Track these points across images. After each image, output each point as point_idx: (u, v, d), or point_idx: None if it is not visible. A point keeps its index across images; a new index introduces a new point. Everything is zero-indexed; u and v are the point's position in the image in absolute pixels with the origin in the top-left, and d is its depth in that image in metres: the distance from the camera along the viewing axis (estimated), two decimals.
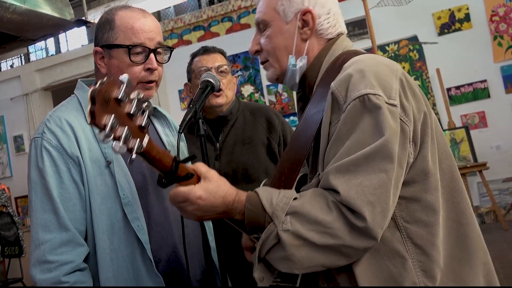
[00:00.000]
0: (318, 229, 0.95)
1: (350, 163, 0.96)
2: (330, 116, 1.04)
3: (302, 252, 0.96)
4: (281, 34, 1.18)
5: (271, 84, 6.67)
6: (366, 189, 0.94)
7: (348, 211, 0.94)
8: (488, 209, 5.54)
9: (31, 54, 8.92)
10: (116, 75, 1.37)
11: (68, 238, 1.25)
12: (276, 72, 1.22)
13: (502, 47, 5.77)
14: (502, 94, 5.77)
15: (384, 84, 1.01)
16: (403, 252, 1.01)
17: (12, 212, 5.58)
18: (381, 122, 0.96)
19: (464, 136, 5.36)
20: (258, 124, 2.02)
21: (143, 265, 1.29)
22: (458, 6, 5.93)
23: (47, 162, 1.28)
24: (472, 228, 1.08)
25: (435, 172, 1.05)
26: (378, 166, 0.95)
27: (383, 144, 0.95)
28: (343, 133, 1.00)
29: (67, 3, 3.04)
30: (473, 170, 5.21)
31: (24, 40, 3.11)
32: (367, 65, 1.04)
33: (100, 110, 0.84)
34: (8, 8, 2.61)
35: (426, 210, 1.03)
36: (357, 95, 0.99)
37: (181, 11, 7.66)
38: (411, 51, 6.07)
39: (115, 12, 1.39)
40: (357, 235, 0.94)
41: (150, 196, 1.36)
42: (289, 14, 1.17)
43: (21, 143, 8.07)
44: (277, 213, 0.98)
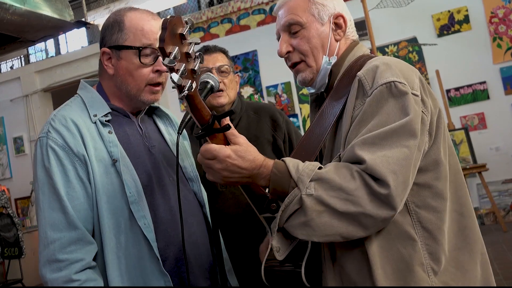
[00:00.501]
0: (340, 196, 1.00)
1: (375, 136, 1.03)
2: (354, 101, 1.12)
3: (322, 219, 1.01)
4: (318, 35, 1.26)
5: (271, 85, 6.74)
6: (391, 159, 1.00)
7: (371, 179, 0.99)
8: (487, 210, 5.55)
9: (31, 55, 8.93)
10: (124, 76, 1.37)
11: (78, 236, 1.25)
12: (313, 71, 1.27)
13: (501, 49, 5.78)
14: (501, 96, 5.77)
15: (407, 77, 1.10)
16: (413, 234, 1.08)
17: (12, 213, 5.58)
18: (406, 105, 1.05)
19: (463, 137, 5.37)
20: (262, 122, 2.01)
21: (150, 263, 1.29)
22: (457, 8, 5.95)
23: (53, 161, 1.28)
24: (472, 220, 1.16)
25: (446, 163, 1.12)
26: (401, 141, 1.02)
27: (407, 122, 1.03)
28: (367, 114, 1.07)
29: (67, 4, 3.05)
30: (473, 172, 5.21)
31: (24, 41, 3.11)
32: (391, 60, 1.14)
33: (169, 38, 0.92)
34: (8, 9, 2.62)
35: (436, 197, 1.10)
36: (384, 82, 1.07)
37: (180, 12, 7.67)
38: (410, 53, 6.08)
39: (124, 13, 1.39)
40: (378, 203, 0.99)
41: (156, 195, 1.37)
42: (324, 17, 1.27)
43: (20, 144, 8.07)
44: (302, 178, 1.03)
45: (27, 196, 7.61)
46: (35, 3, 2.79)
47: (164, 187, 1.39)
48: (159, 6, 5.33)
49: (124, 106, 1.43)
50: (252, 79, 6.89)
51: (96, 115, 1.35)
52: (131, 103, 1.43)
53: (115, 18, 1.39)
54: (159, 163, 1.42)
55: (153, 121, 1.54)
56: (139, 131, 1.44)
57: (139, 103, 1.41)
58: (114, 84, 1.40)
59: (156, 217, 1.34)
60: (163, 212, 1.36)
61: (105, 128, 1.35)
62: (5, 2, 2.60)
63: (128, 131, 1.41)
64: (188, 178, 1.51)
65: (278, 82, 6.73)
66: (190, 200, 1.46)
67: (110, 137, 1.34)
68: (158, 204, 1.36)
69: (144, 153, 1.40)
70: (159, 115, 1.56)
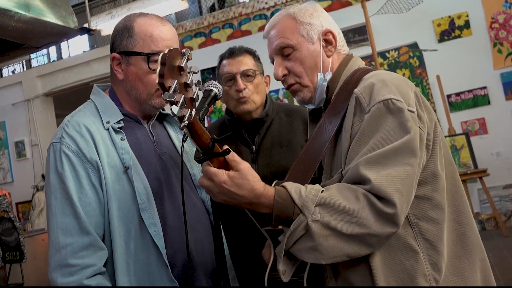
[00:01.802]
0: (346, 219, 1.02)
1: (379, 155, 1.05)
2: (352, 118, 1.14)
3: (329, 242, 1.03)
4: (310, 54, 1.28)
5: (272, 90, 6.74)
6: (395, 178, 1.02)
7: (376, 199, 1.01)
8: (488, 215, 5.55)
9: (33, 60, 8.95)
10: (133, 82, 1.39)
11: (90, 242, 1.26)
12: (310, 90, 1.29)
13: (502, 54, 5.80)
14: (502, 101, 5.79)
15: (403, 93, 1.12)
16: (415, 246, 1.10)
17: (13, 217, 5.59)
18: (405, 122, 1.07)
19: (464, 142, 5.37)
20: (295, 126, 1.96)
21: (159, 270, 1.30)
22: (458, 13, 5.97)
23: (67, 167, 1.29)
24: (470, 228, 1.18)
25: (443, 175, 1.15)
26: (404, 159, 1.04)
27: (409, 140, 1.05)
28: (366, 132, 1.09)
29: (71, 11, 3.06)
30: (474, 177, 5.22)
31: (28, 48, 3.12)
32: (387, 77, 1.16)
33: (168, 73, 0.95)
34: (13, 17, 2.63)
35: (435, 208, 1.13)
36: (382, 99, 1.10)
37: (182, 17, 7.70)
38: (411, 58, 6.10)
39: (133, 19, 1.40)
40: (384, 222, 1.01)
41: (166, 202, 1.37)
42: (313, 36, 1.28)
43: (22, 148, 8.09)
44: (307, 205, 1.04)
45: (28, 200, 7.61)
46: (39, 10, 2.80)
47: (174, 194, 1.40)
48: (161, 12, 5.34)
49: (135, 112, 1.44)
50: None
51: (109, 122, 1.37)
52: (141, 108, 1.44)
53: (125, 23, 1.41)
54: (169, 170, 1.42)
55: (164, 128, 1.55)
56: (151, 137, 1.45)
57: (149, 107, 1.42)
58: (124, 89, 1.42)
59: (166, 224, 1.34)
60: (172, 220, 1.36)
61: (117, 135, 1.36)
62: (10, 10, 2.62)
63: (140, 137, 1.42)
64: (197, 185, 1.51)
65: (279, 87, 6.74)
66: (198, 208, 1.46)
67: (123, 144, 1.35)
68: (168, 211, 1.37)
69: (155, 160, 1.41)
70: (169, 122, 1.57)
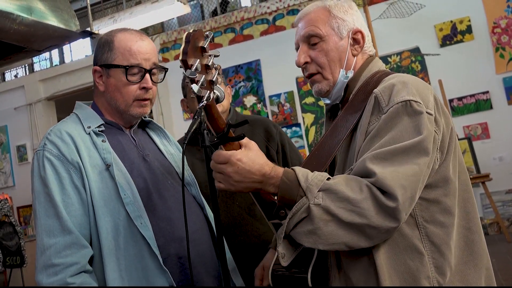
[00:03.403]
0: (347, 207, 1.02)
1: (387, 152, 1.05)
2: (369, 117, 1.14)
3: (329, 228, 1.04)
4: (336, 48, 1.29)
5: (274, 94, 6.75)
6: (400, 174, 1.03)
7: (379, 192, 1.02)
8: (491, 220, 5.52)
9: (35, 64, 8.96)
10: (113, 93, 1.46)
11: (72, 240, 1.28)
12: (329, 83, 1.30)
13: (504, 59, 5.79)
14: (504, 106, 5.78)
15: (423, 96, 1.13)
16: (421, 248, 1.10)
17: (15, 222, 5.58)
18: (420, 124, 1.07)
19: (466, 147, 5.36)
20: (256, 133, 2.06)
21: (151, 262, 1.32)
22: (460, 18, 5.97)
23: (49, 170, 1.34)
24: (478, 235, 1.18)
25: (455, 181, 1.15)
26: (412, 159, 1.05)
27: (420, 141, 1.05)
28: (381, 130, 1.10)
29: (73, 14, 3.07)
30: (476, 182, 5.19)
31: (30, 51, 3.13)
32: (408, 78, 1.16)
33: (191, 51, 0.97)
34: (15, 20, 2.64)
35: (444, 213, 1.13)
36: (401, 100, 1.10)
37: (184, 22, 7.71)
38: (413, 63, 6.10)
39: (114, 34, 1.48)
40: (384, 215, 1.01)
41: (153, 196, 1.41)
42: (344, 32, 1.29)
43: (24, 152, 8.09)
44: (311, 188, 1.06)
45: (29, 204, 7.60)
46: (41, 13, 2.81)
47: (160, 190, 1.44)
48: (163, 16, 5.35)
49: (117, 120, 1.51)
50: (255, 88, 6.91)
51: (90, 127, 1.43)
52: (122, 117, 1.50)
53: (106, 38, 1.49)
54: (154, 169, 1.48)
55: (147, 134, 1.61)
56: (133, 142, 1.51)
57: (129, 117, 1.49)
58: (105, 100, 1.49)
59: (154, 216, 1.38)
60: (161, 211, 1.40)
61: (98, 137, 1.42)
62: (12, 13, 2.63)
63: (122, 141, 1.48)
64: (186, 183, 1.57)
65: (281, 91, 6.74)
66: (190, 202, 1.51)
67: (104, 145, 1.42)
68: (156, 204, 1.41)
69: (138, 160, 1.47)
70: (152, 128, 1.64)
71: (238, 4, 7.63)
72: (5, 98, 8.26)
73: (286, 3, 6.77)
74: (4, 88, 8.37)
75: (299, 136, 6.61)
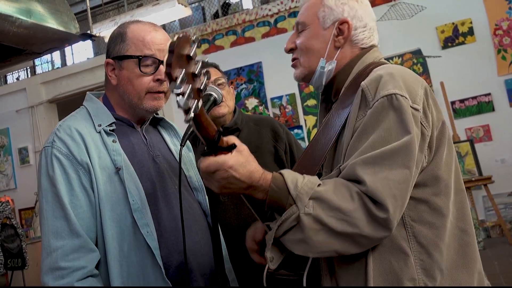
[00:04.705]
0: (338, 216, 1.00)
1: (377, 156, 1.01)
2: (357, 111, 1.10)
3: (319, 237, 1.01)
4: (317, 37, 1.26)
5: (275, 96, 6.75)
6: (392, 182, 0.99)
7: (370, 202, 0.99)
8: (493, 223, 5.50)
9: (37, 66, 9.00)
10: (125, 86, 1.39)
11: (80, 244, 1.25)
12: (304, 71, 1.28)
13: (506, 61, 5.78)
14: (506, 108, 5.76)
15: (410, 89, 1.08)
16: (406, 249, 1.06)
17: (16, 224, 5.57)
18: (406, 120, 1.03)
19: (468, 149, 5.34)
20: (263, 134, 2.04)
21: (153, 271, 1.29)
22: (462, 20, 5.96)
23: (57, 170, 1.29)
24: (473, 238, 1.14)
25: (447, 178, 1.10)
26: (402, 162, 1.01)
27: (409, 142, 1.01)
28: (368, 127, 1.06)
29: (73, 17, 3.08)
30: (478, 184, 5.18)
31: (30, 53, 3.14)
32: (396, 70, 1.12)
33: (176, 62, 0.90)
34: (14, 22, 2.64)
35: (434, 213, 1.08)
36: (386, 94, 1.06)
37: (186, 24, 7.72)
38: (415, 65, 6.09)
39: (127, 25, 1.43)
40: (376, 225, 0.99)
41: (160, 203, 1.37)
42: (328, 21, 1.26)
43: (25, 155, 8.10)
44: (301, 196, 1.02)
45: (31, 206, 7.61)
46: (41, 16, 2.81)
47: (168, 196, 1.40)
48: (165, 19, 5.36)
49: (129, 116, 1.45)
50: (256, 90, 6.91)
51: (100, 125, 1.37)
52: (135, 113, 1.44)
53: (119, 30, 1.44)
54: (163, 172, 1.43)
55: (158, 132, 1.55)
56: (144, 141, 1.46)
57: (142, 111, 1.43)
58: (118, 94, 1.43)
59: (160, 225, 1.34)
60: (166, 220, 1.36)
61: (109, 137, 1.37)
62: (11, 15, 2.63)
63: (133, 140, 1.42)
64: (193, 188, 1.52)
65: (283, 94, 6.74)
66: (194, 210, 1.46)
67: (114, 146, 1.36)
68: (162, 212, 1.36)
69: (148, 162, 1.41)
70: (164, 126, 1.58)
71: (240, 7, 7.64)
72: (7, 100, 8.29)
73: (287, 5, 6.77)
74: (6, 91, 8.40)
75: (301, 138, 6.60)
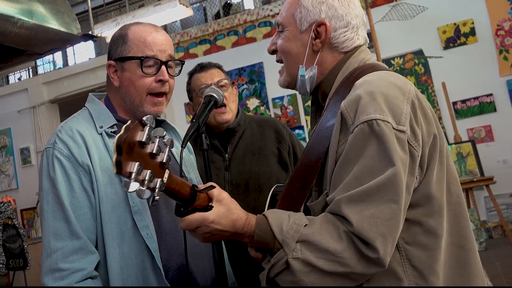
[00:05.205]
0: (328, 258, 0.96)
1: (362, 193, 0.96)
2: (338, 136, 1.04)
3: (311, 278, 0.98)
4: (295, 41, 1.18)
5: (277, 97, 6.75)
6: (379, 220, 0.94)
7: (359, 241, 0.95)
8: (495, 223, 5.49)
9: (39, 67, 9.02)
10: (127, 87, 1.40)
11: (80, 245, 1.26)
12: (286, 79, 1.23)
13: (508, 61, 5.77)
14: (508, 108, 5.75)
15: (394, 108, 0.99)
16: (401, 273, 1.01)
17: (18, 224, 5.58)
18: (390, 150, 0.96)
19: (470, 150, 5.33)
20: (266, 135, 2.04)
21: (153, 274, 1.30)
22: (463, 21, 5.95)
23: (58, 171, 1.30)
24: (473, 254, 1.08)
25: (440, 196, 1.04)
26: (389, 196, 0.95)
27: (394, 175, 0.95)
28: (351, 156, 1.00)
29: (74, 18, 3.08)
30: (480, 185, 5.17)
31: (31, 54, 3.15)
32: (378, 86, 1.02)
33: (126, 159, 0.85)
34: (16, 23, 2.65)
35: (427, 234, 1.02)
36: (366, 119, 0.98)
37: (187, 25, 7.73)
38: (416, 65, 6.08)
39: (128, 27, 1.44)
40: (367, 264, 0.95)
41: (160, 205, 1.38)
42: (305, 23, 1.17)
43: (27, 155, 8.12)
44: (287, 241, 0.99)
45: (33, 207, 7.63)
46: (42, 16, 2.82)
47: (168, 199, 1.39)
48: (166, 19, 5.36)
49: (131, 118, 1.45)
50: (258, 91, 6.91)
51: (102, 127, 1.38)
52: (136, 115, 1.45)
53: (120, 32, 1.44)
54: None
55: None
56: None
57: (143, 115, 1.42)
58: (120, 96, 1.44)
59: (160, 227, 1.35)
60: (166, 223, 1.37)
61: (110, 139, 1.37)
62: (13, 16, 2.64)
63: None
64: None
65: (284, 94, 6.74)
66: None
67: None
68: (162, 214, 1.37)
69: None
70: (165, 128, 1.58)
71: (241, 7, 7.64)
72: (8, 100, 8.31)
73: None
74: (7, 91, 8.42)
75: (302, 138, 6.60)
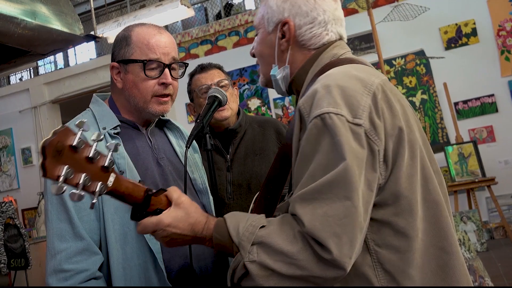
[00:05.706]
0: (284, 260, 0.92)
1: (314, 190, 0.92)
2: (298, 133, 1.01)
3: (271, 282, 0.94)
4: (265, 42, 1.19)
5: (278, 97, 6.74)
6: (331, 219, 0.90)
7: (314, 242, 0.91)
8: (497, 224, 5.49)
9: (40, 67, 9.02)
10: (131, 89, 1.40)
11: (83, 246, 1.27)
12: (263, 80, 1.23)
13: (510, 62, 5.77)
14: (510, 109, 5.75)
15: (351, 101, 0.95)
16: (372, 277, 0.97)
17: (19, 224, 5.58)
18: (341, 143, 0.91)
19: (472, 150, 5.33)
20: (267, 135, 2.04)
21: (155, 275, 1.31)
22: (465, 21, 5.95)
23: None
24: (455, 257, 1.01)
25: (409, 195, 0.98)
26: (342, 193, 0.90)
27: (345, 169, 0.90)
28: (306, 153, 0.97)
29: (77, 18, 3.09)
30: (482, 185, 5.17)
31: (34, 54, 3.15)
32: (336, 79, 0.99)
33: (52, 162, 0.84)
34: (19, 24, 2.66)
35: (398, 235, 0.97)
36: (318, 113, 0.95)
37: (188, 25, 7.74)
38: (418, 66, 6.08)
39: (131, 29, 1.43)
40: (325, 266, 0.90)
41: None
42: (271, 24, 1.16)
43: (28, 155, 8.12)
44: (243, 244, 0.96)
45: (34, 207, 7.63)
46: (45, 17, 2.83)
47: None
48: (168, 19, 5.36)
49: (134, 119, 1.46)
50: (259, 91, 6.91)
51: (105, 128, 1.38)
52: (141, 116, 1.45)
53: (123, 33, 1.44)
54: (167, 175, 1.43)
55: (164, 134, 1.56)
56: (149, 143, 1.46)
57: (148, 115, 1.44)
58: (124, 97, 1.44)
59: None
60: None
61: (113, 140, 1.37)
62: (16, 17, 2.64)
63: (137, 143, 1.43)
64: (198, 190, 1.52)
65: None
66: None
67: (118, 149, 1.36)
68: None
69: (152, 165, 1.42)
70: (170, 128, 1.59)
71: (242, 7, 7.65)
72: (10, 101, 8.31)
73: None
74: (9, 91, 8.42)
75: None
